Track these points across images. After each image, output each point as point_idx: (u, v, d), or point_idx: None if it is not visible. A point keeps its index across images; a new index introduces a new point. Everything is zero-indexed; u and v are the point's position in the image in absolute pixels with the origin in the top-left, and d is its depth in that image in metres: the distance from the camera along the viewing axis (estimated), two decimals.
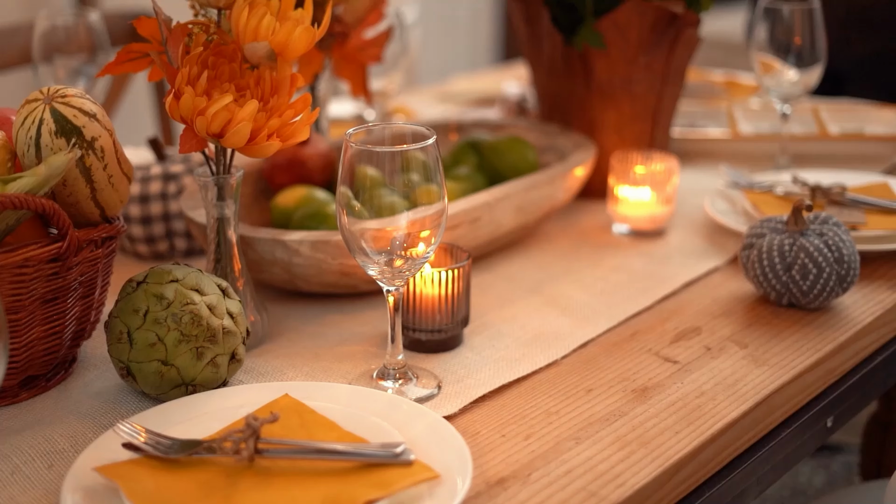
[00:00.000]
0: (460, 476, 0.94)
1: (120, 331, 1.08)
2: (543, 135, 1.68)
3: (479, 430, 1.07)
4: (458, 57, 4.62)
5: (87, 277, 1.12)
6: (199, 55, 1.11)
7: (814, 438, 1.22)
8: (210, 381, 1.10)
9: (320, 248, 1.27)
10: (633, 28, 1.60)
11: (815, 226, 1.31)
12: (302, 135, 1.13)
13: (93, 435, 1.06)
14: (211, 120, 1.08)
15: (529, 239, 1.55)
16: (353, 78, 1.64)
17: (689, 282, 1.40)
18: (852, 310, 1.31)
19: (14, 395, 1.12)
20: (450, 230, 1.34)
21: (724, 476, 1.09)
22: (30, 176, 1.04)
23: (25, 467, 1.02)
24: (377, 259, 1.08)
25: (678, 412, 1.10)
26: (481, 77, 2.60)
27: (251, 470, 0.96)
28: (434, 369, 1.19)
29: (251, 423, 0.96)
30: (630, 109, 1.67)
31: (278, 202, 1.44)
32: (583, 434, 1.06)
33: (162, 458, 0.97)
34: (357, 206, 1.05)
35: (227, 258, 1.22)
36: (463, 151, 1.61)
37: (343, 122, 2.05)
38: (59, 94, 1.08)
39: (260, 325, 1.24)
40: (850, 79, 2.89)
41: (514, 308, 1.33)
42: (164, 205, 1.45)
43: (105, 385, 1.16)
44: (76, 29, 1.67)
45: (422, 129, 1.08)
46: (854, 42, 2.87)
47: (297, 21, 1.12)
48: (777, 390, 1.15)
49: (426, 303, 1.21)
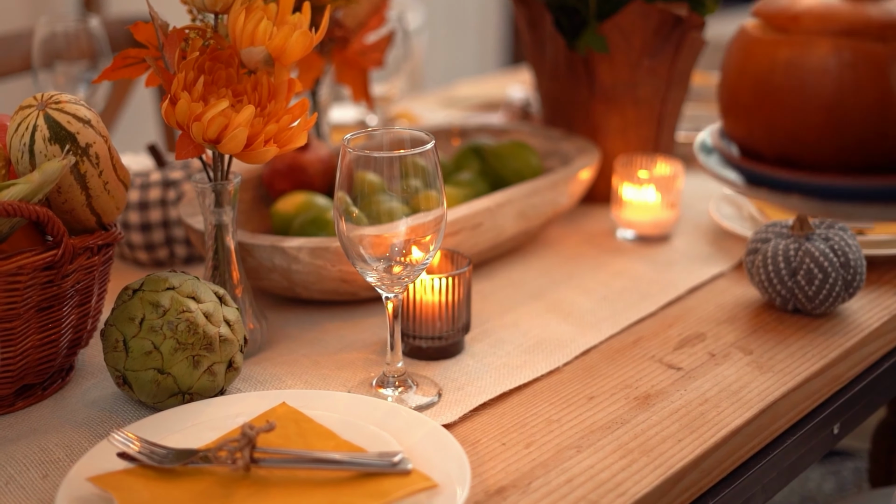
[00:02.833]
0: (459, 485, 0.93)
1: (116, 339, 1.07)
2: (547, 139, 1.67)
3: (479, 439, 1.06)
4: (465, 62, 4.61)
5: (83, 285, 1.11)
6: (195, 60, 1.10)
7: (820, 446, 1.21)
8: (207, 389, 1.09)
9: (319, 255, 1.26)
10: (637, 32, 1.59)
11: (821, 230, 1.29)
12: (299, 140, 1.12)
13: (88, 444, 1.05)
14: (207, 125, 1.07)
15: (532, 244, 1.53)
16: (354, 83, 1.63)
17: (693, 287, 1.38)
18: (858, 315, 1.30)
19: (9, 405, 1.11)
20: (451, 236, 1.33)
21: (729, 484, 1.08)
22: (23, 183, 1.03)
23: (20, 477, 1.01)
24: (376, 266, 1.06)
25: (681, 420, 1.08)
26: (486, 82, 2.59)
27: (247, 479, 0.95)
28: (434, 377, 1.17)
29: (247, 432, 0.95)
30: (634, 114, 1.66)
31: (278, 208, 1.43)
32: (584, 442, 1.05)
33: (157, 467, 0.96)
34: (355, 213, 1.04)
35: (225, 265, 1.21)
36: (465, 156, 1.60)
37: (345, 127, 2.04)
38: (53, 100, 1.07)
39: (258, 333, 1.23)
40: None
41: (515, 314, 1.32)
42: (163, 211, 1.44)
43: (102, 394, 1.15)
44: (76, 35, 1.66)
45: (421, 134, 1.06)
46: None
47: (294, 25, 1.11)
48: (782, 397, 1.13)
49: (427, 310, 1.20)
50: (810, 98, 0.80)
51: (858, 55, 0.78)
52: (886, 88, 0.78)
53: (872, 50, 0.78)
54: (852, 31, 0.79)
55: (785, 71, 0.81)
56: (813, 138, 0.80)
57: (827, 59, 0.79)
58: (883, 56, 0.78)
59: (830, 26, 0.80)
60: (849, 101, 0.79)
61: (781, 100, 0.81)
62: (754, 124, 0.84)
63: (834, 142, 0.80)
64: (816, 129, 0.80)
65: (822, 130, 0.80)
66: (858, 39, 0.79)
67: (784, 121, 0.81)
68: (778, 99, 0.82)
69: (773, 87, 0.81)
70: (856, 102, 0.79)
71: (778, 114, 0.82)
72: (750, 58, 0.83)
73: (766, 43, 0.83)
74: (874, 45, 0.78)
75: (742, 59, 0.84)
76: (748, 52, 0.84)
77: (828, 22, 0.80)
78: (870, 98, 0.78)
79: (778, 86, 0.81)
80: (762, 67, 0.82)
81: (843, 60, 0.78)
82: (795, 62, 0.80)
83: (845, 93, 0.79)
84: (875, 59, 0.78)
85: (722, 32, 3.66)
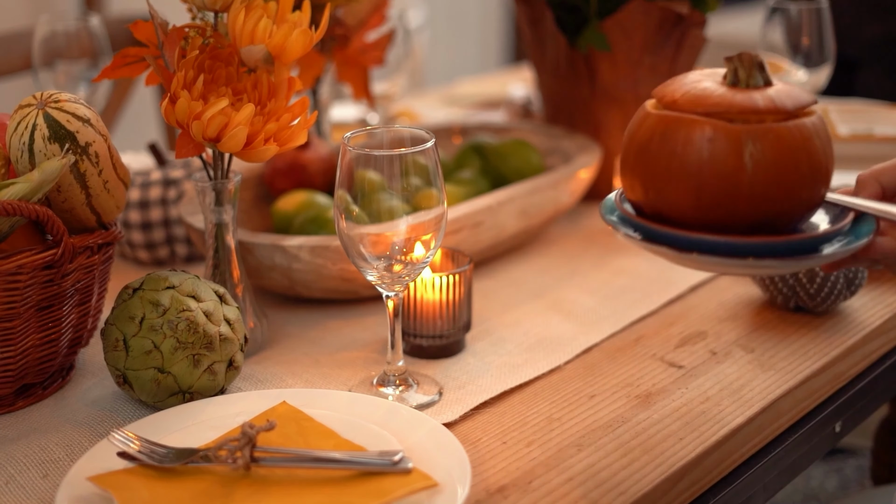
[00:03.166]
0: (460, 484, 0.93)
1: (116, 338, 1.07)
2: (548, 137, 1.66)
3: (479, 437, 1.06)
4: (467, 60, 4.61)
5: (83, 284, 1.11)
6: (195, 59, 1.09)
7: (822, 444, 1.21)
8: (207, 388, 1.09)
9: (320, 254, 1.26)
10: (638, 29, 1.59)
11: None
12: (300, 138, 1.11)
13: (89, 444, 1.05)
14: (207, 124, 1.06)
15: (533, 243, 1.53)
16: (354, 81, 1.63)
17: (694, 285, 1.38)
18: (860, 313, 1.30)
19: (10, 404, 1.11)
20: (452, 234, 1.33)
21: (730, 483, 1.07)
22: (23, 182, 1.03)
23: (20, 476, 1.01)
24: (376, 264, 1.06)
25: (682, 418, 1.08)
26: (487, 80, 2.58)
27: (247, 479, 0.94)
28: (435, 375, 1.17)
29: (247, 432, 0.94)
30: (635, 111, 1.65)
31: (279, 207, 1.43)
32: (585, 441, 1.05)
33: (157, 467, 0.95)
34: (356, 211, 1.04)
35: (225, 264, 1.21)
36: (466, 155, 1.60)
37: (346, 125, 2.04)
38: (53, 98, 1.07)
39: (259, 332, 1.23)
40: (862, 64, 2.86)
41: (516, 313, 1.32)
42: (164, 210, 1.44)
43: (102, 393, 1.15)
44: (77, 34, 1.65)
45: (421, 132, 1.06)
46: (866, 26, 2.85)
47: (294, 24, 1.11)
48: (784, 395, 1.13)
49: (427, 308, 1.20)
50: (677, 165, 0.94)
51: (717, 131, 0.93)
52: (739, 161, 0.92)
53: (729, 128, 0.93)
54: (716, 113, 0.94)
55: (660, 141, 0.95)
56: (679, 200, 0.95)
57: (692, 133, 0.93)
58: (737, 133, 0.92)
59: (699, 108, 0.94)
60: (707, 170, 0.93)
61: (656, 165, 0.96)
62: (636, 185, 0.98)
63: (695, 203, 0.94)
64: (682, 192, 0.94)
65: (686, 193, 0.94)
66: (719, 119, 0.93)
67: (657, 183, 0.96)
68: (653, 164, 0.96)
69: (651, 154, 0.96)
70: (713, 171, 0.93)
71: (653, 177, 0.96)
72: (639, 128, 0.98)
73: (652, 117, 0.97)
74: (732, 125, 0.93)
75: (634, 128, 0.99)
76: (639, 124, 0.98)
77: (698, 104, 0.95)
78: (726, 168, 0.92)
79: (654, 153, 0.96)
80: (645, 137, 0.97)
81: (705, 135, 0.93)
82: (668, 134, 0.95)
83: (704, 163, 0.93)
84: (731, 136, 0.92)
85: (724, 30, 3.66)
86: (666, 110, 0.96)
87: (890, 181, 1.02)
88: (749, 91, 0.95)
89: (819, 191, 0.96)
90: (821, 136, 0.96)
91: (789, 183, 0.94)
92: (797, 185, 0.94)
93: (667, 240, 0.95)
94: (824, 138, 0.96)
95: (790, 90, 0.97)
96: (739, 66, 0.97)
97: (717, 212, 0.94)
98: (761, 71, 0.97)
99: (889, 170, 1.03)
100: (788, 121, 0.94)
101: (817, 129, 0.96)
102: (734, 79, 0.97)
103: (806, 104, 0.96)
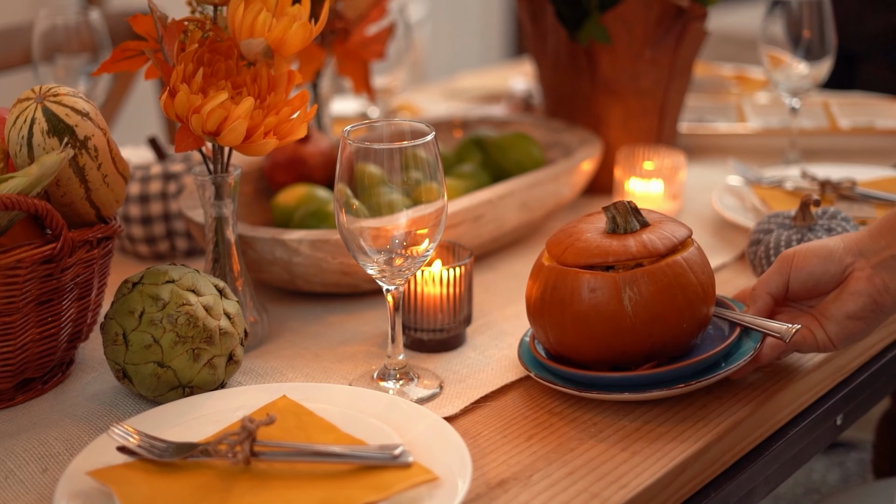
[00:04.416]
0: (460, 478, 0.93)
1: (115, 332, 1.07)
2: (549, 131, 1.66)
3: (480, 431, 1.06)
4: (467, 53, 4.60)
5: (82, 279, 1.11)
6: (194, 52, 1.09)
7: (823, 437, 1.20)
8: (207, 382, 1.08)
9: (320, 247, 1.25)
10: (639, 22, 1.58)
11: (823, 221, 1.29)
12: (299, 132, 1.11)
13: (88, 438, 1.05)
14: (206, 118, 1.06)
15: (534, 236, 1.53)
16: (355, 75, 1.62)
17: None
18: None
19: (9, 399, 1.11)
20: (452, 228, 1.32)
21: (731, 476, 1.07)
22: (22, 176, 1.03)
23: (20, 471, 1.00)
24: (376, 258, 1.06)
25: (683, 411, 1.08)
26: (488, 73, 2.58)
27: (247, 473, 0.94)
28: (436, 369, 1.17)
29: (247, 426, 0.94)
30: (636, 104, 1.65)
31: (279, 201, 1.43)
32: (585, 434, 1.04)
33: (157, 461, 0.95)
34: (356, 205, 1.04)
35: (225, 258, 1.20)
36: (467, 148, 1.59)
37: (346, 119, 2.04)
38: (51, 92, 1.07)
39: (259, 326, 1.23)
40: (865, 57, 2.86)
41: (517, 306, 1.32)
42: (164, 204, 1.44)
43: (102, 387, 1.14)
44: (77, 28, 1.65)
45: (421, 125, 1.06)
46: (868, 20, 2.84)
47: (293, 17, 1.11)
48: (784, 388, 1.13)
49: (428, 302, 1.20)
50: (569, 312, 1.06)
51: (598, 280, 1.05)
52: (619, 305, 1.04)
53: (607, 277, 1.04)
54: (596, 264, 1.06)
55: (552, 292, 1.07)
56: (576, 343, 1.07)
57: (577, 284, 1.06)
58: (613, 281, 1.04)
59: (581, 260, 1.07)
60: (593, 316, 1.05)
61: (553, 313, 1.07)
62: (540, 331, 1.10)
63: (585, 344, 1.06)
64: (576, 336, 1.07)
65: (580, 337, 1.06)
66: (599, 268, 1.06)
67: (556, 329, 1.08)
68: (550, 312, 1.08)
69: (547, 304, 1.08)
70: (598, 316, 1.05)
71: (552, 324, 1.08)
72: (536, 279, 1.10)
73: (545, 270, 1.09)
74: (609, 273, 1.05)
75: (532, 279, 1.11)
76: (535, 275, 1.10)
77: (580, 257, 1.07)
78: (608, 312, 1.04)
79: (549, 303, 1.08)
80: (541, 288, 1.09)
81: (588, 285, 1.05)
82: (558, 286, 1.07)
83: (590, 309, 1.05)
84: (609, 284, 1.04)
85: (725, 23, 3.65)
86: (556, 263, 1.08)
87: (778, 289, 1.11)
88: (625, 238, 1.07)
89: (702, 313, 1.07)
90: (694, 268, 1.06)
91: (668, 316, 1.04)
92: (677, 317, 1.05)
93: (569, 380, 1.08)
94: (699, 268, 1.07)
95: (663, 230, 1.08)
96: (616, 213, 1.09)
97: (611, 350, 1.06)
98: (636, 215, 1.09)
99: (773, 278, 1.11)
100: (662, 260, 1.05)
101: (690, 262, 1.06)
102: (613, 226, 1.09)
103: (678, 241, 1.07)
